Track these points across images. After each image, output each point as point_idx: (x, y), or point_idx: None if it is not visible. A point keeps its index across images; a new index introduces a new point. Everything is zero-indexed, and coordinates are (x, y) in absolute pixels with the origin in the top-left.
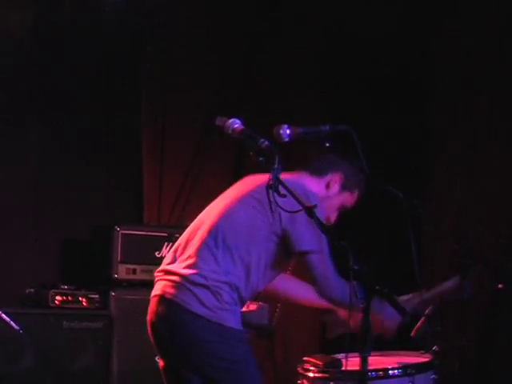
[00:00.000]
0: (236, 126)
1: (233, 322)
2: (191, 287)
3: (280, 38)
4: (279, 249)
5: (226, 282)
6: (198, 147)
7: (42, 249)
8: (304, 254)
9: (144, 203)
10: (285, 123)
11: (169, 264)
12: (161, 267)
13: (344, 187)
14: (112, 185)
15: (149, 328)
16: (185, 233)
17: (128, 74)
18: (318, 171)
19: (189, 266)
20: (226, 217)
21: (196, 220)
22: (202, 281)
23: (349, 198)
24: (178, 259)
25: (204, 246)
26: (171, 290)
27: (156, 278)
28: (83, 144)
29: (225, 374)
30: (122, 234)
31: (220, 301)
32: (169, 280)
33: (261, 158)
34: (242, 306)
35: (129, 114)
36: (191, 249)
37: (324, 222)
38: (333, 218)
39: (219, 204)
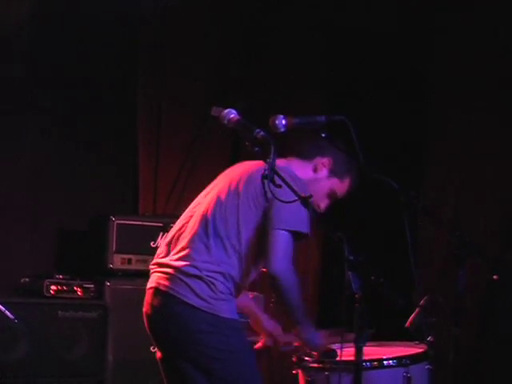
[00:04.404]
0: (232, 116)
1: (228, 311)
2: (185, 279)
3: (279, 30)
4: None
5: (219, 272)
6: (194, 137)
7: (38, 238)
8: (275, 229)
9: (139, 193)
10: (281, 113)
11: (163, 257)
12: (155, 260)
13: (333, 172)
14: (107, 175)
15: (145, 320)
16: (176, 224)
17: (125, 61)
18: (306, 155)
19: (182, 258)
20: (215, 206)
21: (187, 211)
22: (196, 272)
23: (339, 185)
24: (171, 252)
25: (196, 236)
26: (165, 282)
27: (151, 271)
28: (79, 134)
29: (221, 364)
30: (117, 223)
31: (215, 291)
32: (163, 272)
33: (256, 148)
34: (239, 295)
35: (125, 103)
36: (183, 240)
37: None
38: (322, 204)
39: (209, 194)
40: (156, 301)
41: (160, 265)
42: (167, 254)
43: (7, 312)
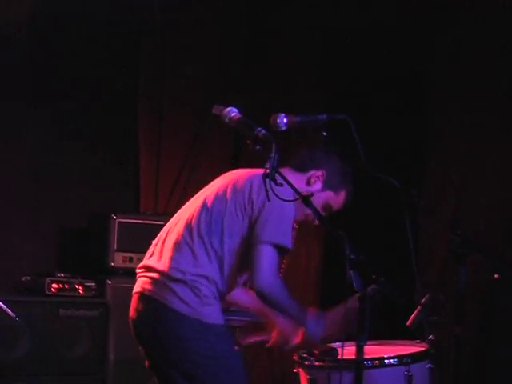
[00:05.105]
0: (233, 114)
1: (212, 317)
2: (169, 283)
3: (279, 30)
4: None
5: (203, 276)
6: (195, 136)
7: (39, 236)
8: (260, 243)
9: (141, 192)
10: (283, 112)
11: (148, 258)
12: (142, 263)
13: (327, 185)
14: (109, 173)
15: (130, 325)
16: (164, 227)
17: (125, 61)
18: (300, 167)
19: (166, 261)
20: (201, 211)
21: (176, 214)
22: (180, 276)
23: (333, 198)
24: (156, 254)
25: (181, 240)
26: (150, 287)
27: (137, 275)
28: (81, 132)
29: (203, 369)
30: (118, 222)
31: (199, 295)
32: (148, 277)
33: (258, 147)
34: (222, 300)
35: (126, 102)
36: (169, 243)
37: (303, 219)
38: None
39: (198, 199)
40: (141, 306)
41: (146, 268)
42: (153, 257)
43: (8, 310)
